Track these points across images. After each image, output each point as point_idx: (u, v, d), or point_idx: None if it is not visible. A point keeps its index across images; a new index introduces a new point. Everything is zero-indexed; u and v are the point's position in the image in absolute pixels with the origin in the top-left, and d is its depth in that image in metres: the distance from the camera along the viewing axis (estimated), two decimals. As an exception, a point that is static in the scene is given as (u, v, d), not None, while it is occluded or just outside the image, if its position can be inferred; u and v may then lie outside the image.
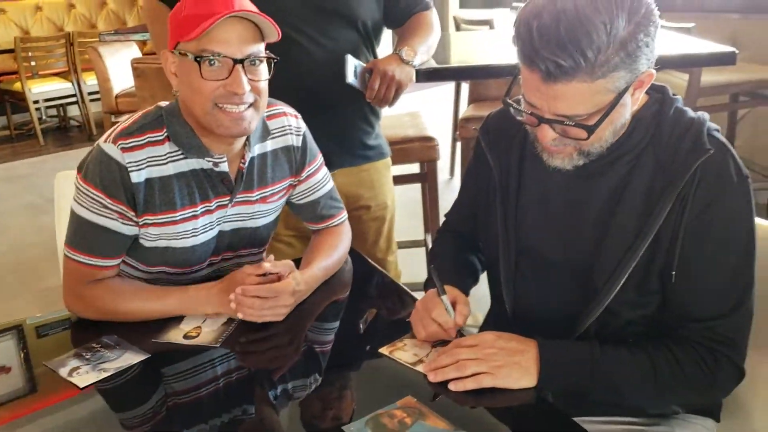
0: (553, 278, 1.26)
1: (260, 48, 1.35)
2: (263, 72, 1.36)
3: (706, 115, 1.19)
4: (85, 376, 1.20)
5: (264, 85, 1.37)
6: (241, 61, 1.31)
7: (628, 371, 1.14)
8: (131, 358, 1.26)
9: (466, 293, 1.36)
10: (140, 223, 1.40)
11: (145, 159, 1.37)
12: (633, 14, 1.03)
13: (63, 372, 1.22)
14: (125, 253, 1.45)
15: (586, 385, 1.13)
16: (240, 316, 1.34)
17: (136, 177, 1.36)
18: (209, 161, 1.41)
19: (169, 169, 1.39)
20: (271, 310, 1.35)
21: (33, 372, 1.27)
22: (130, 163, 1.35)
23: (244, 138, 1.43)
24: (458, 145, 4.08)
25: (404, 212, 4.22)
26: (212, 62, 1.30)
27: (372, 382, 1.23)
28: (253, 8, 1.32)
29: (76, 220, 1.39)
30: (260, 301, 1.33)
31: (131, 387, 1.21)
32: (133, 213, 1.38)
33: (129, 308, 1.38)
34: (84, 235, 1.39)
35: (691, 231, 1.12)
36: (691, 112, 1.20)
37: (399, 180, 3.12)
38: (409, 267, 2.57)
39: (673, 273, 1.14)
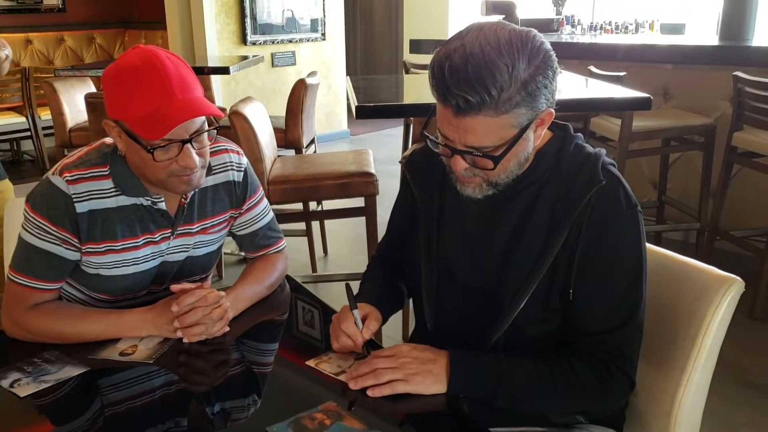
0: (467, 298, 1.37)
1: (201, 121, 1.41)
2: (206, 138, 1.44)
3: (602, 151, 1.33)
4: (25, 387, 1.26)
5: (208, 149, 1.46)
6: (189, 140, 1.39)
7: (529, 379, 1.26)
8: (71, 371, 1.32)
9: (386, 314, 1.46)
10: (83, 251, 1.48)
11: (88, 191, 1.45)
12: (533, 59, 1.16)
13: (4, 383, 1.28)
14: (67, 277, 1.52)
15: (491, 391, 1.24)
16: (185, 339, 1.42)
17: (80, 207, 1.44)
18: (147, 200, 1.49)
19: (112, 203, 1.47)
20: (214, 323, 1.43)
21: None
22: (74, 194, 1.43)
23: None
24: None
25: (351, 245, 4.36)
26: (164, 148, 1.37)
27: (297, 390, 1.32)
28: (196, 91, 1.40)
29: (21, 245, 1.47)
30: (201, 311, 1.41)
31: (70, 398, 1.28)
32: (76, 240, 1.46)
33: (64, 332, 1.44)
34: (28, 258, 1.46)
35: (585, 253, 1.26)
36: (589, 148, 1.33)
37: (342, 213, 3.25)
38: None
39: (571, 291, 1.27)
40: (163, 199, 1.50)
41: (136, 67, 1.35)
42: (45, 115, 6.30)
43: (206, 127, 1.43)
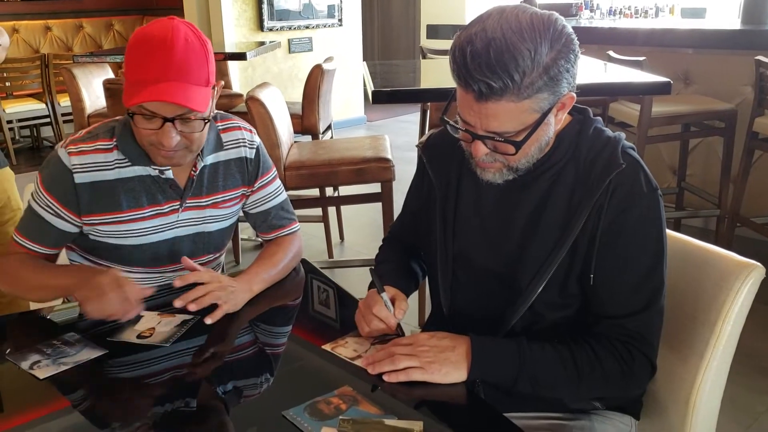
0: (484, 282, 1.37)
1: (189, 109, 1.41)
2: (197, 126, 1.45)
3: (622, 135, 1.31)
4: (44, 369, 1.27)
5: (197, 136, 1.47)
6: (171, 120, 1.41)
7: (551, 364, 1.25)
8: (90, 353, 1.33)
9: (407, 295, 1.46)
10: (86, 222, 1.54)
11: (90, 163, 1.50)
12: (555, 43, 1.14)
13: (24, 365, 1.29)
14: (63, 246, 1.60)
15: (513, 377, 1.24)
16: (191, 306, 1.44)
17: (80, 178, 1.50)
18: (155, 169, 1.53)
19: (114, 174, 1.52)
20: (222, 296, 1.46)
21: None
22: (75, 165, 1.49)
23: None
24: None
25: (367, 231, 4.36)
26: (147, 117, 1.41)
27: (313, 374, 1.32)
28: (193, 80, 1.41)
29: (27, 211, 1.58)
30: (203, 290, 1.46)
31: (87, 380, 1.28)
32: (71, 215, 1.52)
33: (29, 279, 1.53)
34: (26, 221, 1.58)
35: (606, 236, 1.24)
36: (609, 132, 1.32)
37: (358, 199, 3.25)
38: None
39: (592, 276, 1.26)
40: (169, 167, 1.53)
41: (151, 37, 1.39)
42: (64, 102, 6.36)
43: (197, 115, 1.43)
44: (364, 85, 4.73)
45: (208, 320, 1.43)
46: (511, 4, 1.22)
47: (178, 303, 1.44)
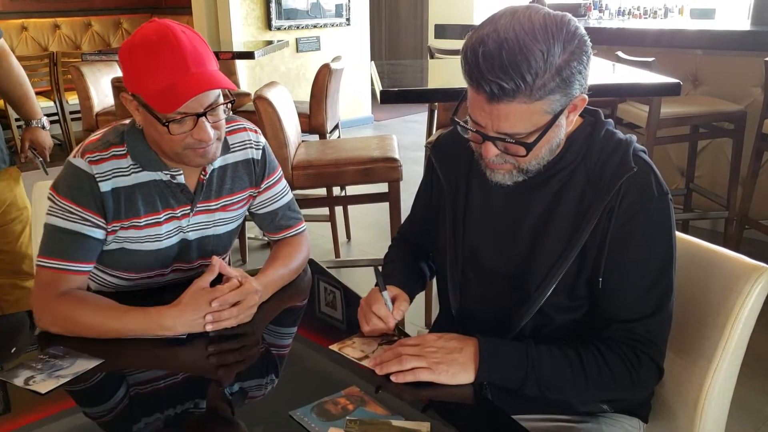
0: (493, 283, 1.37)
1: (216, 94, 1.42)
2: (221, 111, 1.46)
3: (633, 138, 1.31)
4: (43, 383, 1.23)
5: (223, 123, 1.47)
6: (204, 114, 1.40)
7: (558, 367, 1.25)
8: (85, 364, 1.29)
9: (412, 295, 1.46)
10: (109, 230, 1.50)
11: (110, 170, 1.47)
12: (568, 44, 1.14)
13: (18, 381, 1.24)
14: (95, 260, 1.51)
15: (520, 379, 1.23)
16: (210, 328, 1.39)
17: (104, 186, 1.46)
18: (166, 174, 1.51)
19: (132, 180, 1.50)
20: (243, 313, 1.43)
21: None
22: (97, 174, 1.46)
23: None
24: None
25: (374, 231, 4.36)
26: (179, 121, 1.39)
27: (321, 374, 1.32)
28: (210, 65, 1.41)
29: (47, 231, 1.47)
30: (236, 309, 1.41)
31: (91, 387, 1.26)
32: (101, 219, 1.47)
33: (90, 323, 1.39)
34: (56, 241, 1.46)
35: (616, 240, 1.24)
36: (620, 134, 1.31)
37: (366, 199, 3.24)
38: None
39: (600, 279, 1.25)
40: (181, 172, 1.53)
41: (152, 42, 1.36)
42: (72, 100, 6.37)
43: (221, 100, 1.44)
44: (372, 85, 4.72)
45: (209, 327, 1.40)
46: (523, 4, 1.21)
47: (209, 327, 1.39)
